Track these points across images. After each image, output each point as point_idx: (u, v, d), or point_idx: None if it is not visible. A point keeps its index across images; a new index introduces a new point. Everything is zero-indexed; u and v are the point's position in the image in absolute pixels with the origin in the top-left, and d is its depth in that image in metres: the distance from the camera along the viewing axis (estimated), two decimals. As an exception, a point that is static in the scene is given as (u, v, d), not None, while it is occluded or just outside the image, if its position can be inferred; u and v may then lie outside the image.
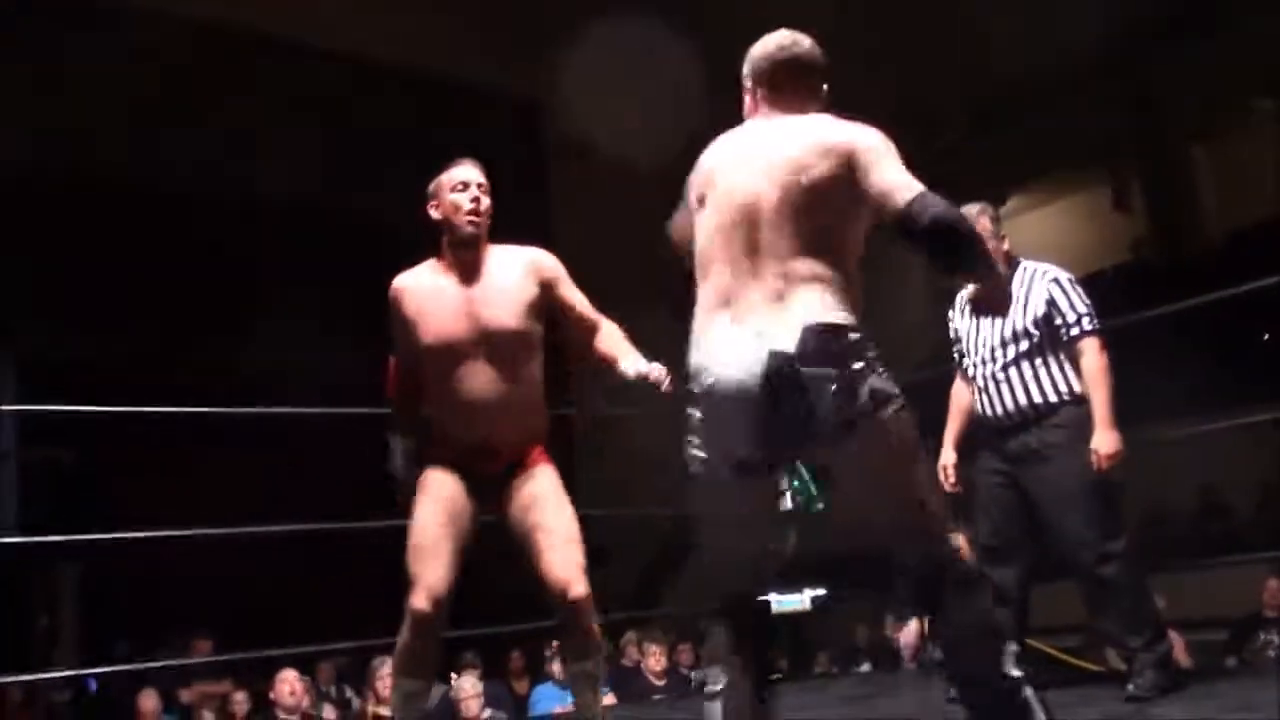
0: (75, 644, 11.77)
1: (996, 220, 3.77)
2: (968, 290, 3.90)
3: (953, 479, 3.84)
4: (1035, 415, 3.62)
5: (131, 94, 9.94)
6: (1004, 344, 3.69)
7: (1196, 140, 14.11)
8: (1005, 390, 3.66)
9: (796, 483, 4.90)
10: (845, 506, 2.30)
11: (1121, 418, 3.56)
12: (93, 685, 9.02)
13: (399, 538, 3.03)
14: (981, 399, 3.75)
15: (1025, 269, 3.76)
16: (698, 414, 2.25)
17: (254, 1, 9.70)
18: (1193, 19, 11.78)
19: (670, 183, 2.72)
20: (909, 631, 4.84)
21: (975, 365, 3.78)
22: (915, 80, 12.28)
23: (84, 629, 12.22)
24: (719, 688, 2.27)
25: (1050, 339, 3.63)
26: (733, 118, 2.50)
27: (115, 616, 11.19)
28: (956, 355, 3.90)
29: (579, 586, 2.95)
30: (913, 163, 2.29)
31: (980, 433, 3.81)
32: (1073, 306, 3.63)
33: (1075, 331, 3.61)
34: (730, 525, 2.33)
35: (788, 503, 4.83)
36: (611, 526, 7.56)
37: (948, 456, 3.89)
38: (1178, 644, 5.69)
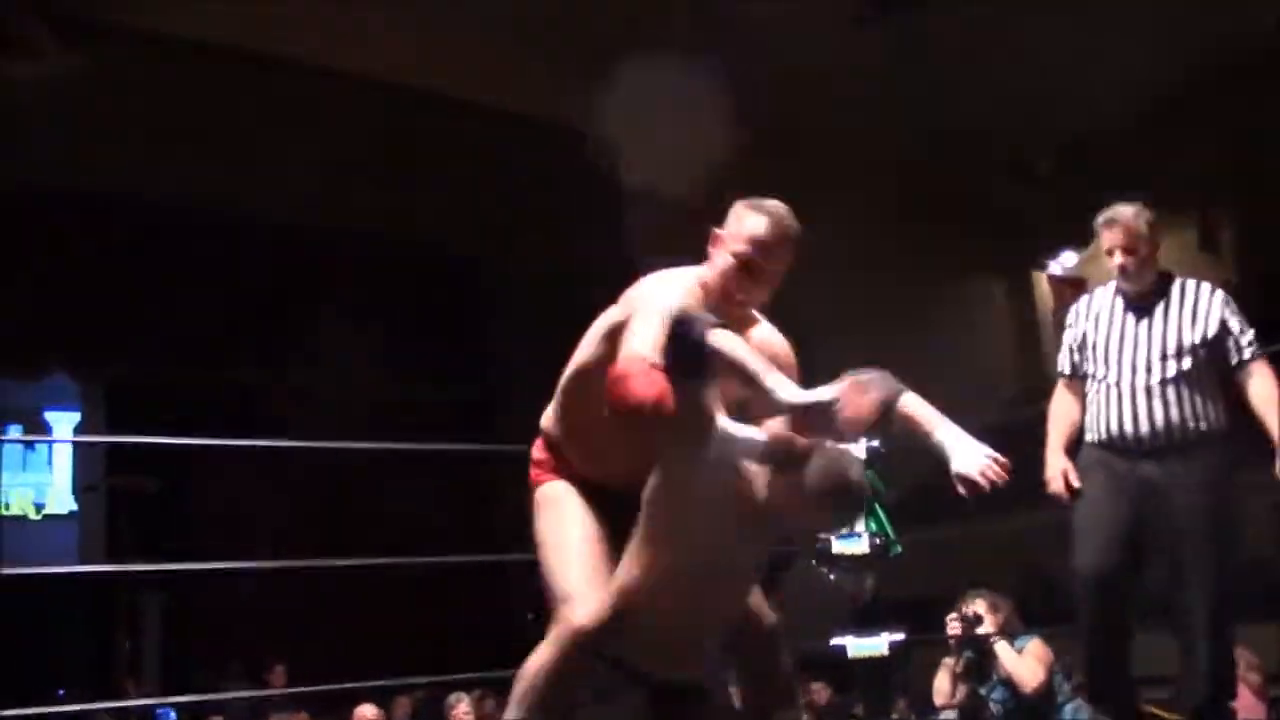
0: (157, 672, 11.95)
1: (1152, 225, 3.53)
2: (1105, 291, 3.64)
3: (1075, 483, 3.49)
4: (1182, 440, 3.35)
5: (201, 125, 10.14)
6: (1164, 357, 3.40)
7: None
8: (1158, 407, 3.37)
9: (874, 525, 4.87)
10: None
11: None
12: (171, 716, 9.13)
13: (477, 573, 2.94)
14: (1120, 413, 3.42)
15: (1186, 283, 3.51)
16: None
17: (306, 31, 9.89)
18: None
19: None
20: (942, 672, 4.80)
21: (1121, 375, 3.45)
22: (1003, 116, 12.16)
23: (166, 657, 12.41)
24: None
25: (1210, 362, 3.40)
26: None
27: (197, 645, 11.35)
28: (1073, 363, 3.61)
29: (770, 615, 2.58)
30: (995, 201, 2.31)
31: (1095, 450, 3.50)
32: (1244, 329, 3.41)
33: (1248, 354, 3.39)
34: None
35: (865, 546, 4.80)
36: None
37: (1063, 462, 3.54)
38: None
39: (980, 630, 4.58)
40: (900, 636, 4.77)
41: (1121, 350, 3.47)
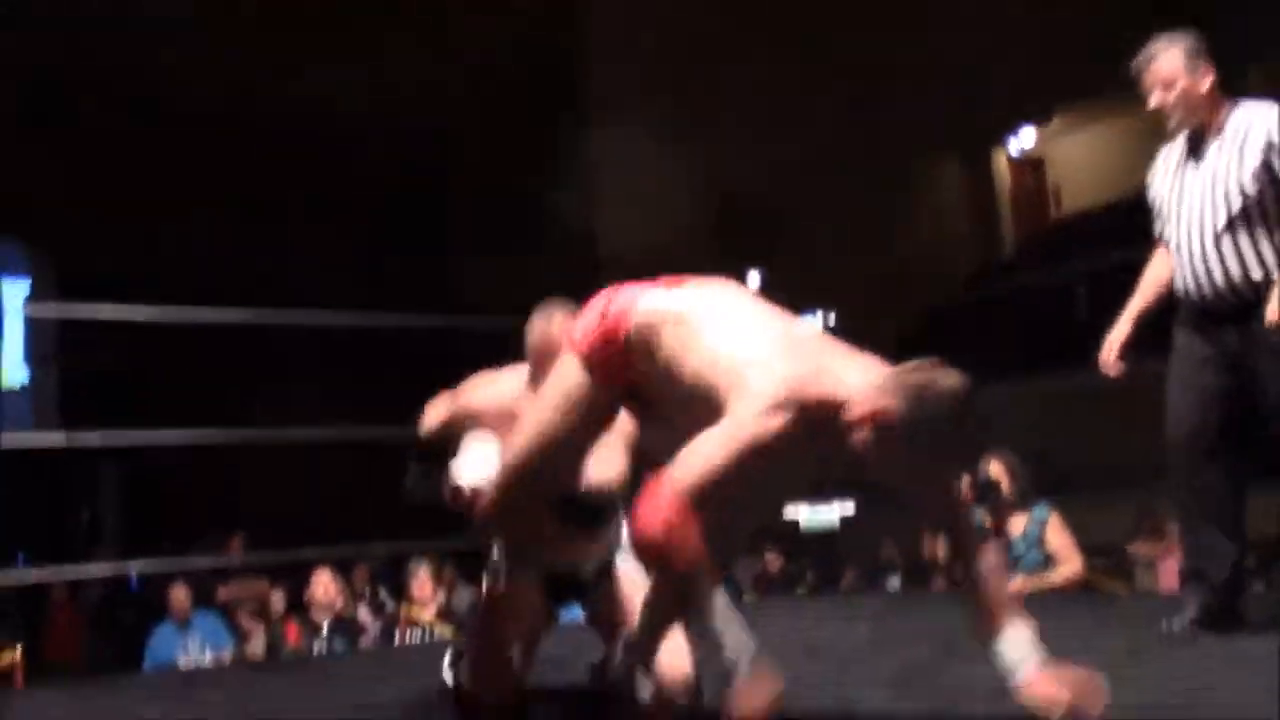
0: (116, 544, 12.02)
1: (1194, 54, 3.08)
2: (1174, 142, 3.20)
3: (1114, 356, 3.19)
4: (1256, 298, 2.93)
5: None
6: (1214, 206, 3.01)
7: (1252, 61, 13.77)
8: (1215, 264, 2.99)
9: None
10: None
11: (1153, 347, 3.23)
12: (133, 583, 9.22)
13: None
14: (1185, 275, 3.07)
15: (1245, 111, 3.06)
16: None
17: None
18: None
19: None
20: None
21: (1177, 234, 3.10)
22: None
23: (125, 529, 12.47)
24: None
25: (1274, 196, 2.95)
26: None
27: (155, 516, 11.41)
28: (1158, 226, 3.21)
29: None
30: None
31: (1182, 311, 3.16)
32: None
33: None
34: None
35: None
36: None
37: (1121, 332, 3.23)
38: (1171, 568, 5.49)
39: (997, 494, 4.37)
40: (851, 509, 4.83)
41: (1179, 205, 3.11)
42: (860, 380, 2.05)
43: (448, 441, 2.75)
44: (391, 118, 12.54)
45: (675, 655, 2.42)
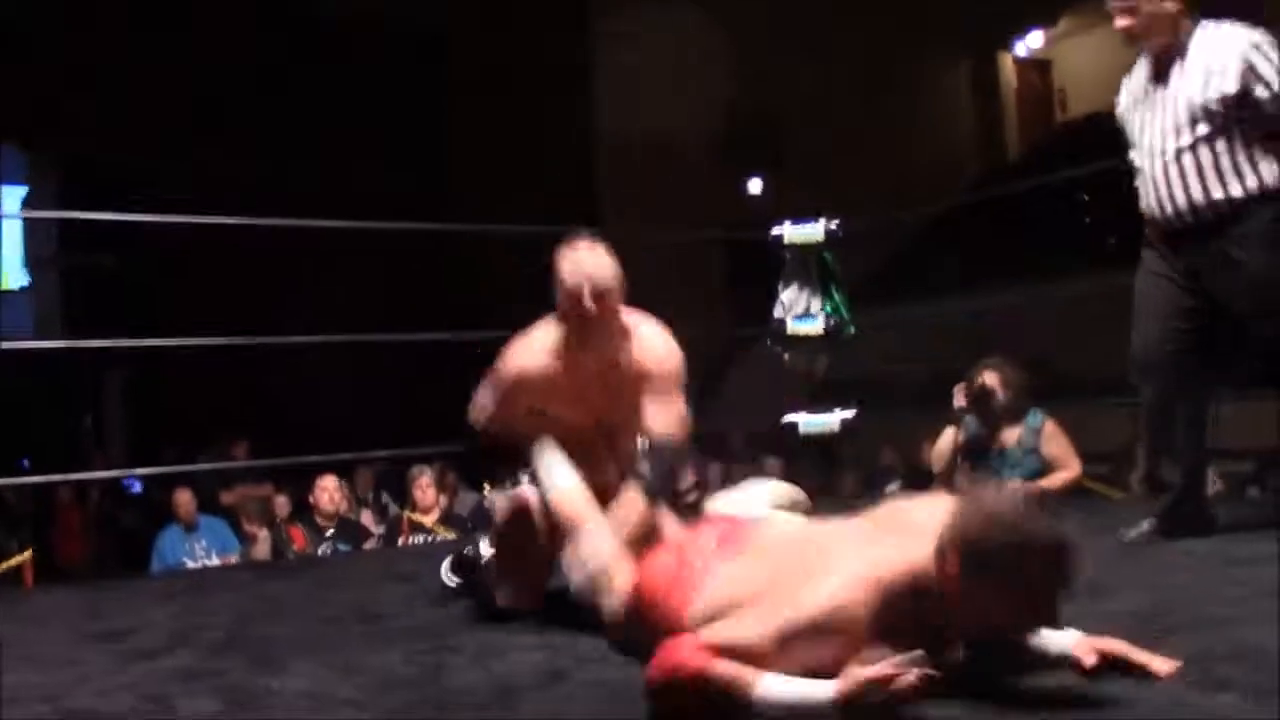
0: (121, 449, 12.09)
1: None
2: (1140, 65, 3.20)
3: None
4: (1216, 218, 2.98)
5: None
6: (1178, 127, 3.01)
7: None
8: (1177, 184, 3.01)
9: (830, 307, 4.91)
10: None
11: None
12: (135, 486, 9.29)
13: (441, 350, 2.91)
14: (1149, 196, 3.10)
15: (1205, 31, 3.02)
16: None
17: None
18: None
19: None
20: (944, 440, 4.73)
21: (1143, 155, 3.12)
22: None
23: (129, 433, 12.54)
24: None
25: (1242, 121, 2.95)
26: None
27: (160, 420, 11.45)
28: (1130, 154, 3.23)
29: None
30: None
31: (1148, 231, 3.19)
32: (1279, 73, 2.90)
33: None
34: None
35: (821, 326, 4.84)
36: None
37: None
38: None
39: (990, 403, 4.44)
40: (852, 414, 4.83)
41: (1143, 125, 3.13)
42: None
43: (514, 440, 2.68)
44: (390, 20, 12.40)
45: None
